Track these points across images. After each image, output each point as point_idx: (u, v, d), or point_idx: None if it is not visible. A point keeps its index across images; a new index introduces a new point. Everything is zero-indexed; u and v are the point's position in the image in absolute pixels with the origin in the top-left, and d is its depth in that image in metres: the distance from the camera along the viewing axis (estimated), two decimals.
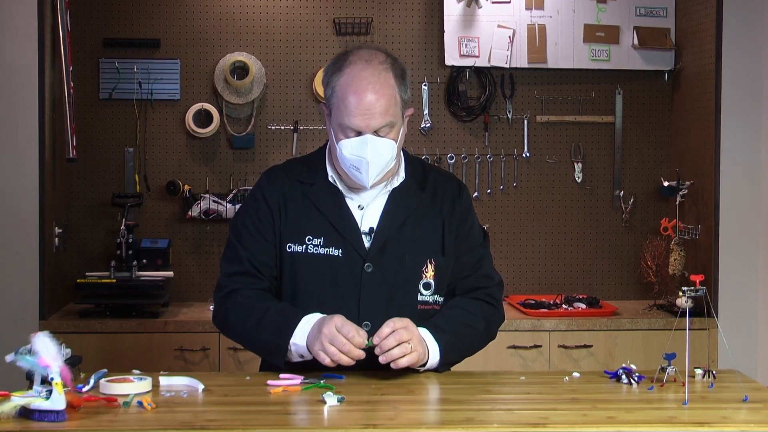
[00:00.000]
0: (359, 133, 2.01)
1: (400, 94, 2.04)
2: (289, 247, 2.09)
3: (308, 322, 1.98)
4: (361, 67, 2.01)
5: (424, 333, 2.00)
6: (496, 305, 2.17)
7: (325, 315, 1.98)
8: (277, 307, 2.05)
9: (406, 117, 2.10)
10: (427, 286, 2.09)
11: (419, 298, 2.10)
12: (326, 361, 1.91)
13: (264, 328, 2.01)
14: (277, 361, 2.02)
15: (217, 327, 2.17)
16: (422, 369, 2.01)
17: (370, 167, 2.01)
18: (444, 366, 2.04)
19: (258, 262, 2.09)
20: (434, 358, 2.00)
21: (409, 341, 1.92)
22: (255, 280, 2.09)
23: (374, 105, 1.98)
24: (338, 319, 1.92)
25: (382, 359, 1.91)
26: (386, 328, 1.92)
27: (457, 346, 2.05)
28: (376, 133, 2.01)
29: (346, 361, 1.91)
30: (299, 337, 1.97)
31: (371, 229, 2.09)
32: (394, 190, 2.12)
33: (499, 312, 2.18)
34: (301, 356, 1.99)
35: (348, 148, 2.02)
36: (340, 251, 2.07)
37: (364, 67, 2.01)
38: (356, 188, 2.11)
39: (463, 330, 2.07)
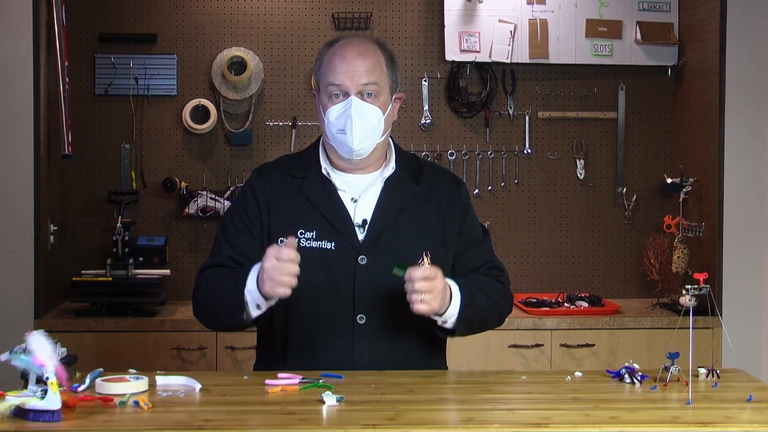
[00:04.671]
0: (346, 96, 2.05)
1: (387, 68, 2.10)
2: (281, 241, 2.07)
3: (256, 268, 1.97)
4: (348, 40, 2.12)
5: (450, 282, 2.01)
6: (506, 289, 2.20)
7: None
8: (235, 271, 2.05)
9: (395, 99, 2.14)
10: None
11: None
12: (282, 292, 1.90)
13: (224, 290, 2.02)
14: (238, 319, 2.00)
15: (195, 316, 2.16)
16: (439, 319, 2.01)
17: (355, 126, 2.04)
18: (460, 324, 2.03)
19: (240, 256, 2.10)
20: (454, 308, 2.00)
21: (428, 293, 1.92)
22: (228, 270, 2.09)
23: (359, 64, 2.05)
24: (274, 250, 1.91)
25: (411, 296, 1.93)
26: (419, 272, 1.91)
27: (474, 307, 2.05)
28: (361, 95, 2.05)
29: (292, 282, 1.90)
30: (251, 283, 1.96)
31: (364, 221, 2.09)
32: (387, 181, 2.13)
33: (509, 294, 2.22)
34: (258, 306, 1.98)
35: (334, 113, 2.06)
36: (332, 244, 2.07)
37: (351, 39, 2.12)
38: (348, 170, 2.12)
39: (481, 294, 2.08)
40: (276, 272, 1.89)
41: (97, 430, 1.59)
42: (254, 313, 2.00)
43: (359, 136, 2.04)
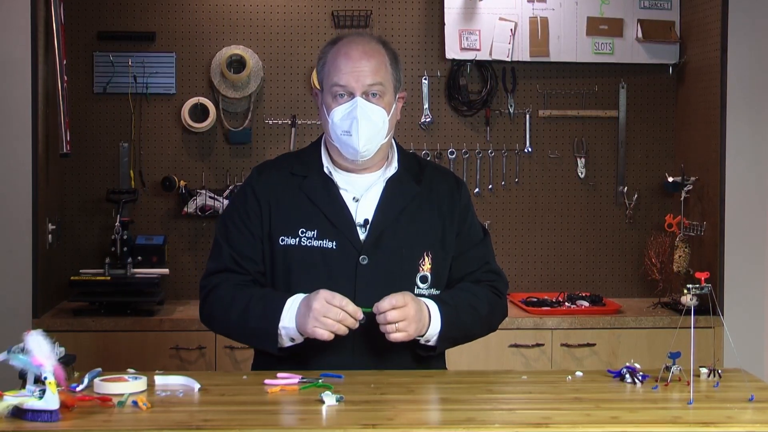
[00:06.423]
0: (351, 96, 2.04)
1: (391, 67, 2.09)
2: (282, 240, 2.08)
3: (293, 303, 1.99)
4: (352, 39, 2.11)
5: (429, 303, 2.02)
6: (501, 297, 2.20)
7: (308, 294, 1.98)
8: (260, 294, 2.05)
9: (398, 99, 2.14)
10: (423, 279, 2.09)
11: (416, 291, 2.08)
12: (325, 335, 1.93)
13: (251, 316, 2.02)
14: (269, 347, 2.02)
15: (205, 324, 2.17)
16: (422, 339, 2.02)
17: (360, 128, 2.03)
18: (442, 342, 2.05)
19: (241, 257, 2.09)
20: (434, 328, 2.02)
21: (401, 321, 1.94)
22: (236, 276, 2.10)
23: (364, 64, 2.04)
24: (326, 293, 1.94)
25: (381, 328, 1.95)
26: (385, 303, 1.94)
27: (458, 324, 2.06)
28: (366, 96, 2.04)
29: (343, 330, 1.94)
30: (287, 320, 1.98)
31: (366, 220, 2.09)
32: (389, 181, 2.13)
33: (503, 303, 2.21)
34: (292, 339, 2.00)
35: (339, 114, 2.05)
36: (333, 243, 2.06)
37: (355, 38, 2.11)
38: (351, 169, 2.11)
39: (468, 310, 2.08)
40: (323, 313, 1.91)
41: (96, 430, 1.58)
42: (287, 344, 2.01)
43: (365, 137, 2.04)
